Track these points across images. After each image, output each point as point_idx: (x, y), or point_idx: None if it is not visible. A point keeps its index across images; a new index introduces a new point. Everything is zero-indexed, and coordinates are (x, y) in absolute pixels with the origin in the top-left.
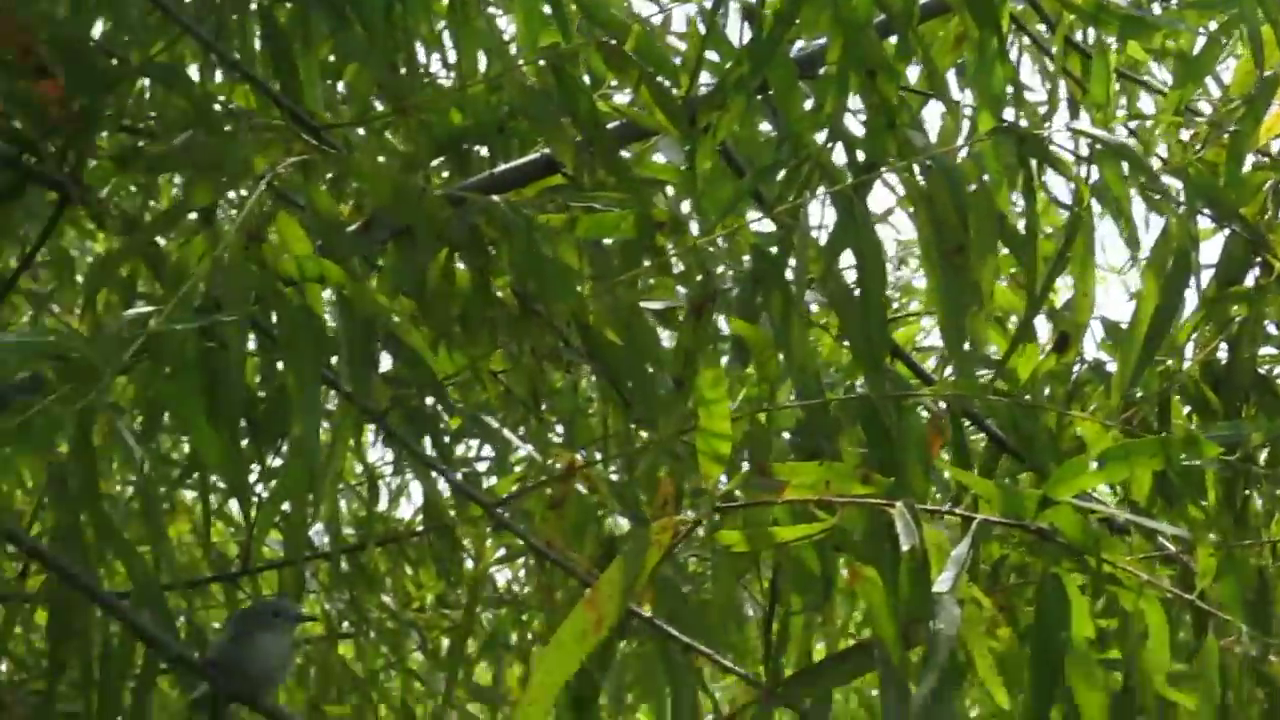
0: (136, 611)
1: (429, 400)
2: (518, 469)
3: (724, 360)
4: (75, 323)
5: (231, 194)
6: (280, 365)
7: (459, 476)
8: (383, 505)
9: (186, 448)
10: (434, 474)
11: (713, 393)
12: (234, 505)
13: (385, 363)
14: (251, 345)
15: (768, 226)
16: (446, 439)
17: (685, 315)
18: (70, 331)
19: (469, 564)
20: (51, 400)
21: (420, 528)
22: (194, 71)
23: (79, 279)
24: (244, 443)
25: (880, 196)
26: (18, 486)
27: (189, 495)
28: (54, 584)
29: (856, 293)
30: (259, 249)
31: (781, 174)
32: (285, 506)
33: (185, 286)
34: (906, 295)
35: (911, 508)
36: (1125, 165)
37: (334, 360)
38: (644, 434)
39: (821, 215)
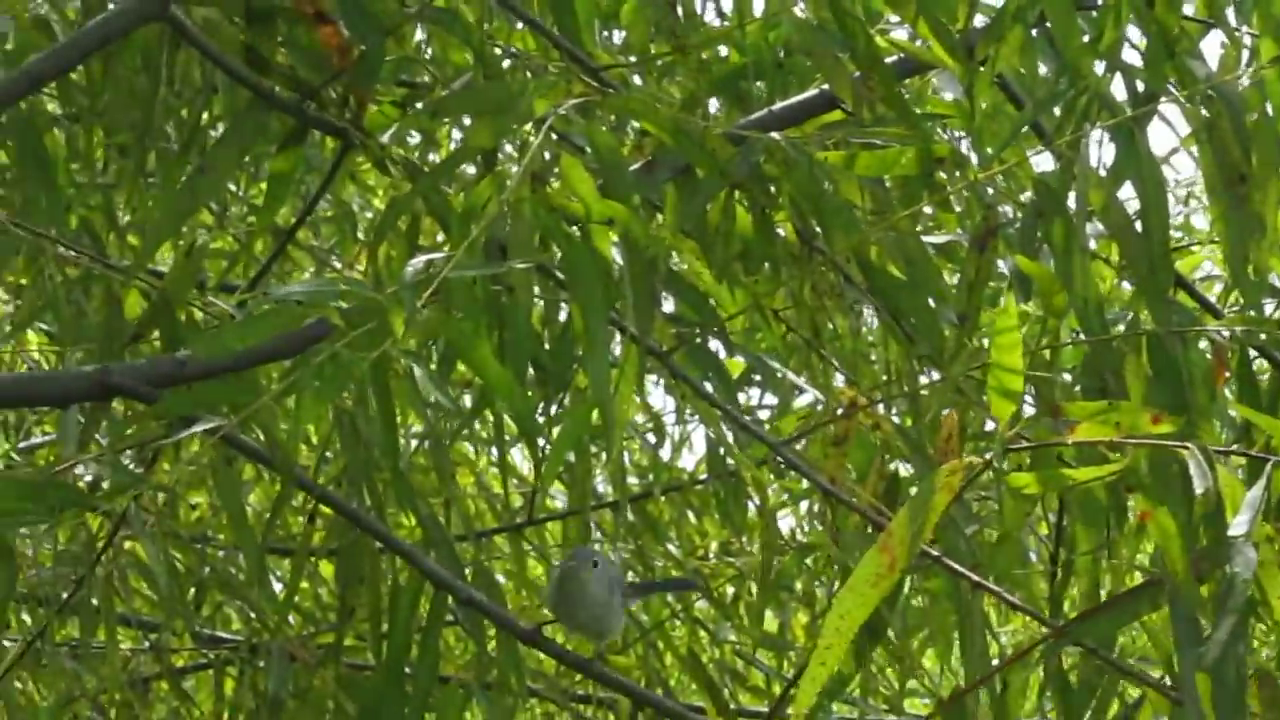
0: (424, 554)
1: (711, 342)
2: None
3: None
4: (358, 277)
5: (509, 139)
6: (564, 308)
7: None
8: (665, 455)
9: (468, 400)
10: (717, 414)
11: (1005, 324)
12: (516, 456)
13: (667, 305)
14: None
15: (1046, 163)
16: (729, 384)
17: (968, 249)
18: (358, 280)
19: (752, 511)
20: (341, 346)
21: (704, 476)
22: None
23: (360, 235)
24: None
25: (1160, 138)
26: (303, 441)
27: (470, 449)
28: (341, 532)
29: (1138, 224)
30: (544, 191)
31: (1060, 106)
32: (570, 457)
33: (476, 231)
34: (1188, 233)
35: (1205, 450)
36: None
37: (616, 304)
38: (928, 372)
39: (1100, 149)
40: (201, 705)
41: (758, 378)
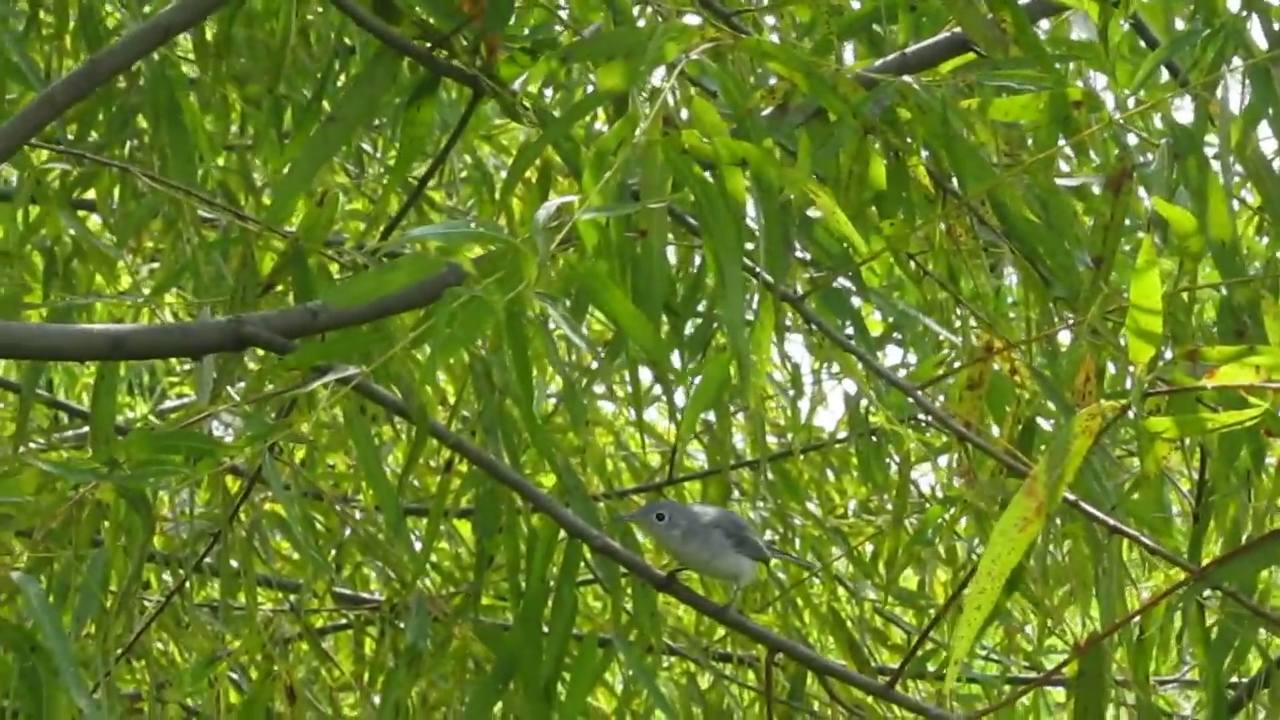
0: (559, 502)
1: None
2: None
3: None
4: None
5: (640, 88)
6: (697, 258)
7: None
8: (803, 414)
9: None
10: (854, 359)
11: (1145, 261)
12: (654, 415)
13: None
14: None
15: (1184, 109)
16: (865, 331)
17: (1103, 191)
18: (491, 222)
19: (893, 470)
20: (475, 292)
21: (843, 434)
22: None
23: (497, 196)
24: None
25: None
26: (439, 401)
27: (608, 409)
28: (478, 482)
29: (1276, 164)
30: (676, 134)
31: (1195, 47)
32: (710, 415)
33: (609, 174)
34: None
35: None
36: None
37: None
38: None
39: (1241, 91)
40: (342, 665)
41: (898, 336)
